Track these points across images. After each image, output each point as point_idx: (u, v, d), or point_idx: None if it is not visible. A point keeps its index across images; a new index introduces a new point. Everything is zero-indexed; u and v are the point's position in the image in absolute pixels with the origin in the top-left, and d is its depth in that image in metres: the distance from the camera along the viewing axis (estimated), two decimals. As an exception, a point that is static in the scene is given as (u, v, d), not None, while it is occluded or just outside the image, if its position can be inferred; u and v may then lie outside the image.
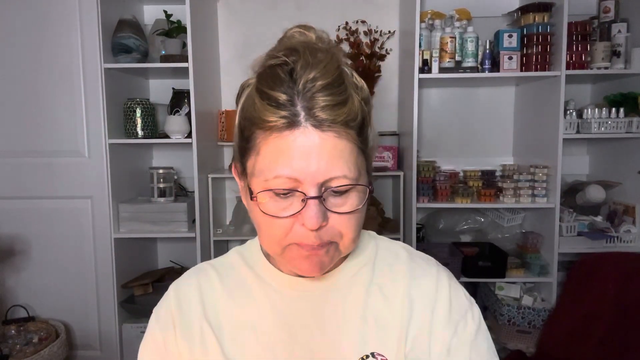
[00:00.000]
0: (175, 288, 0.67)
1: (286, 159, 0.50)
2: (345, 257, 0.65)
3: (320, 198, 0.52)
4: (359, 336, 0.60)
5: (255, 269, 0.66)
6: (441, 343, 0.59)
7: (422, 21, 2.18)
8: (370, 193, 0.56)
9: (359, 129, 0.54)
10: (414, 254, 0.68)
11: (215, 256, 0.71)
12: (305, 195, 0.51)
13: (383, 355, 0.58)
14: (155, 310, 0.67)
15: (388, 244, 0.69)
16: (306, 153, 0.50)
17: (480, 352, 0.60)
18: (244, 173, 0.58)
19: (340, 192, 0.53)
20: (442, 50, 2.11)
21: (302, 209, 0.52)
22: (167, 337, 0.64)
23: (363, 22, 2.44)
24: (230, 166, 0.67)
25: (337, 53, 0.55)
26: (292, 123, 0.50)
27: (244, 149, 0.56)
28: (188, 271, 0.69)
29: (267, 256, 0.66)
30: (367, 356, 0.58)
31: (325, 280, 0.63)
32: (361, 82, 0.57)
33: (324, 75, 0.51)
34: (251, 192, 0.54)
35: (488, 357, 0.60)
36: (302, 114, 0.50)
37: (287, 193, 0.52)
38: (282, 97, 0.50)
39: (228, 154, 2.59)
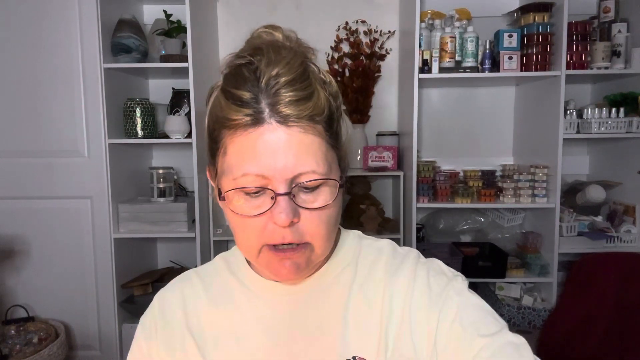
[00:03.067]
0: (160, 297, 0.68)
1: (253, 156, 0.51)
2: (327, 258, 0.63)
3: (289, 194, 0.51)
4: (340, 340, 0.58)
5: (238, 275, 0.65)
6: (427, 333, 0.56)
7: (422, 21, 2.18)
8: (340, 187, 0.55)
9: (326, 124, 0.54)
10: (397, 249, 0.65)
11: (215, 256, 0.71)
12: (274, 192, 0.51)
13: (364, 359, 0.57)
14: (141, 319, 0.68)
15: (372, 241, 0.67)
16: (273, 150, 0.50)
17: (472, 320, 0.55)
18: (216, 175, 0.58)
19: (310, 188, 0.53)
20: (442, 50, 2.11)
21: (272, 206, 0.52)
22: (151, 346, 0.64)
23: (363, 22, 2.44)
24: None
25: (302, 50, 0.55)
26: (256, 120, 0.50)
27: (213, 150, 0.56)
28: (173, 280, 0.70)
29: (249, 262, 0.65)
30: None
31: (307, 284, 0.62)
32: (329, 78, 0.57)
33: (287, 71, 0.51)
34: (220, 193, 0.55)
35: (485, 321, 0.55)
36: (267, 110, 0.50)
37: (257, 192, 0.52)
38: (246, 95, 0.50)
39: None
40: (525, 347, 0.52)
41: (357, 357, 0.57)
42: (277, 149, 0.50)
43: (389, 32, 2.45)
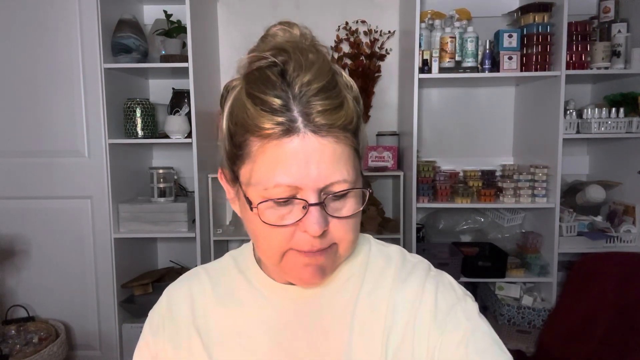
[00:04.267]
0: (168, 293, 0.67)
1: (286, 167, 0.49)
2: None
3: (321, 204, 0.51)
4: (345, 345, 0.58)
5: (246, 274, 0.65)
6: (426, 349, 0.56)
7: (422, 21, 2.18)
8: (370, 194, 0.55)
9: (355, 132, 0.53)
10: (407, 257, 0.65)
11: (216, 256, 0.71)
12: (306, 202, 0.50)
13: None
14: (149, 314, 0.68)
15: (382, 247, 0.67)
16: (306, 160, 0.49)
17: (479, 348, 0.54)
18: (235, 181, 0.56)
19: (339, 196, 0.52)
20: (442, 50, 2.11)
21: (303, 216, 0.51)
22: (158, 342, 0.64)
23: (363, 22, 2.44)
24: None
25: (326, 53, 0.54)
26: (289, 129, 0.48)
27: (235, 156, 0.54)
28: (182, 276, 0.69)
29: (259, 262, 0.64)
30: None
31: (315, 288, 0.61)
32: (351, 82, 0.56)
33: (318, 77, 0.49)
34: (249, 202, 0.53)
35: (492, 352, 0.54)
36: (300, 119, 0.48)
37: (287, 200, 0.51)
38: (277, 101, 0.48)
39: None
40: None
41: None
42: (310, 159, 0.49)
43: (389, 32, 2.45)
